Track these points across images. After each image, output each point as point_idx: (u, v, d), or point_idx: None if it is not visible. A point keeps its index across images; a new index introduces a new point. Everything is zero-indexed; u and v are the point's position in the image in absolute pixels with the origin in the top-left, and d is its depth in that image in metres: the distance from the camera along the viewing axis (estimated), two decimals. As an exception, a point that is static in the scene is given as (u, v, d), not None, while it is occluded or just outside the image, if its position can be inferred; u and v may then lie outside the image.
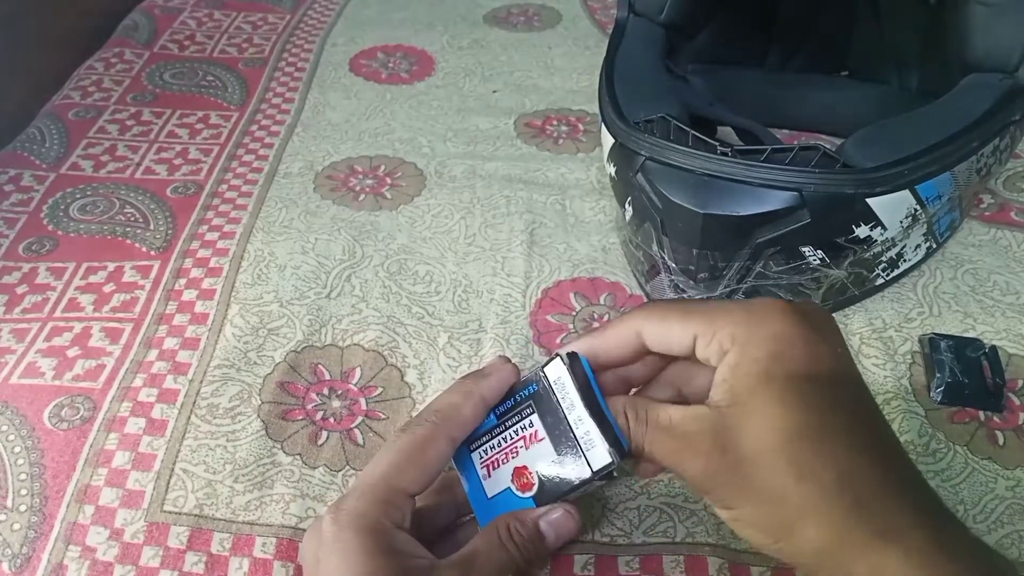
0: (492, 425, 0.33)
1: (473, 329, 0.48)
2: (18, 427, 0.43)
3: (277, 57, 0.78)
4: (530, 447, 0.32)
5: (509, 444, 0.32)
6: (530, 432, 0.32)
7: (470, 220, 0.57)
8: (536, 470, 0.32)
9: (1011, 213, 0.54)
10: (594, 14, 0.85)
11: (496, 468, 0.33)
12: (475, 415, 0.32)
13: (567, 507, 0.31)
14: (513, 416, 0.33)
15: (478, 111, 0.69)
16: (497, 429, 0.33)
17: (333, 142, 0.65)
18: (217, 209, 0.58)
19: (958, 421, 0.42)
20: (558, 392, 0.31)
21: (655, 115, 0.42)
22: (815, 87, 0.62)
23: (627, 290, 0.51)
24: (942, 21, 0.51)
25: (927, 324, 0.47)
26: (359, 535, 0.28)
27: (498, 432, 0.33)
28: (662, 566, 0.36)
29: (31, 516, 0.39)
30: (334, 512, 0.30)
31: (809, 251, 0.41)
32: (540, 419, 0.32)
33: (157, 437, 0.42)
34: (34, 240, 0.55)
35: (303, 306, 0.50)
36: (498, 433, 0.33)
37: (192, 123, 0.68)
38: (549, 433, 0.31)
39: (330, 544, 0.29)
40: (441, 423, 0.32)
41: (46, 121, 0.68)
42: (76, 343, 0.48)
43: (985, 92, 0.42)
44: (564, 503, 0.32)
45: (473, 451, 0.34)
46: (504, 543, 0.30)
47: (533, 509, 0.31)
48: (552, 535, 0.31)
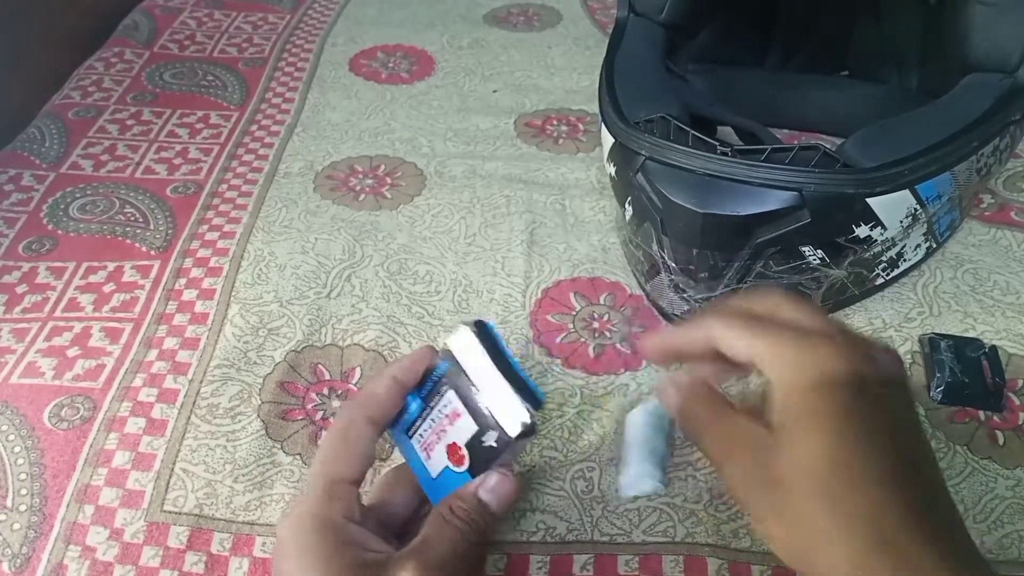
0: (421, 409, 0.34)
1: (473, 329, 0.48)
2: (18, 427, 0.43)
3: (277, 57, 0.78)
4: (454, 423, 0.33)
5: (437, 424, 0.33)
6: (451, 410, 0.33)
7: (470, 220, 0.57)
8: (463, 443, 0.32)
9: (1011, 213, 0.54)
10: (594, 14, 0.85)
11: (432, 449, 0.33)
12: (388, 394, 0.33)
13: (501, 470, 0.32)
14: (434, 396, 0.34)
15: (478, 111, 0.69)
16: (425, 412, 0.34)
17: (333, 142, 0.65)
18: (217, 209, 0.58)
19: (958, 421, 0.42)
20: (465, 364, 0.32)
21: (655, 115, 0.42)
22: (815, 87, 0.62)
23: (627, 290, 0.51)
24: (942, 21, 0.51)
25: (927, 324, 0.47)
26: (311, 535, 0.29)
27: (427, 415, 0.34)
28: (661, 566, 0.36)
29: (31, 516, 0.39)
30: (286, 517, 0.30)
31: (809, 251, 0.41)
32: (456, 394, 0.33)
33: (157, 437, 0.42)
34: (34, 240, 0.55)
35: (303, 306, 0.50)
36: (427, 416, 0.34)
37: (192, 123, 0.68)
38: (466, 406, 0.32)
39: (287, 549, 0.29)
40: (357, 406, 0.33)
41: (46, 121, 0.68)
42: (76, 343, 0.48)
43: (985, 92, 0.42)
44: (498, 468, 0.32)
45: (411, 436, 0.34)
46: (450, 522, 0.31)
47: (468, 484, 0.32)
48: (494, 501, 0.32)
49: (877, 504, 0.25)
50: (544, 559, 0.37)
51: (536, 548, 0.37)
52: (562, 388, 0.44)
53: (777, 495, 0.26)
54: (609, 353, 0.46)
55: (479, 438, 0.32)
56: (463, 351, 0.33)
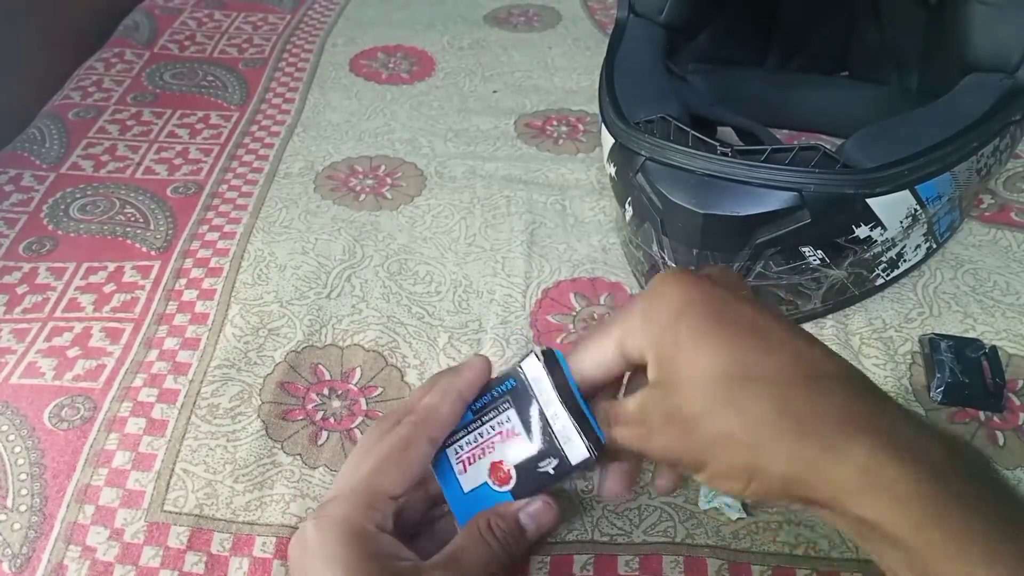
0: (468, 421, 0.33)
1: (473, 329, 0.48)
2: (18, 427, 0.43)
3: (277, 57, 0.78)
4: (507, 441, 0.32)
5: (485, 439, 0.32)
6: (507, 427, 0.32)
7: (470, 220, 0.57)
8: (512, 464, 0.32)
9: (1011, 213, 0.54)
10: (594, 14, 0.85)
11: (472, 463, 0.33)
12: (454, 413, 0.33)
13: (546, 499, 0.32)
14: (490, 411, 0.33)
15: (478, 111, 0.69)
16: (473, 425, 0.33)
17: (333, 142, 0.65)
18: (217, 209, 0.58)
19: (958, 421, 0.42)
20: (535, 387, 0.31)
21: (655, 115, 0.42)
22: (815, 87, 0.62)
23: (627, 290, 0.51)
24: (942, 21, 0.51)
25: (927, 324, 0.47)
26: (343, 541, 0.29)
27: (474, 427, 0.33)
28: (662, 566, 0.36)
29: (31, 516, 0.39)
30: (317, 518, 0.30)
31: (809, 251, 0.41)
32: (517, 414, 0.32)
33: (157, 437, 0.42)
34: (34, 240, 0.55)
35: (303, 306, 0.50)
36: (474, 428, 0.33)
37: (192, 123, 0.68)
38: (526, 427, 0.31)
39: (315, 551, 0.29)
40: (420, 424, 0.32)
41: (46, 121, 0.68)
42: (76, 343, 0.48)
43: (985, 92, 0.42)
44: (543, 495, 0.32)
45: (447, 447, 0.33)
46: (485, 538, 0.31)
47: (512, 503, 0.32)
48: (532, 527, 0.32)
49: (780, 397, 0.25)
50: (544, 559, 0.37)
51: (536, 547, 0.37)
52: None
53: (692, 434, 0.27)
54: (609, 353, 0.46)
55: (536, 462, 0.31)
56: (533, 376, 0.32)
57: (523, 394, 0.32)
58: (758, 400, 0.25)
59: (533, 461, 0.31)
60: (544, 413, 0.31)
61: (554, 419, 0.31)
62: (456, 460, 0.33)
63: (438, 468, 0.34)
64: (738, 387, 0.26)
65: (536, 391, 0.31)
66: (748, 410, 0.25)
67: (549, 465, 0.31)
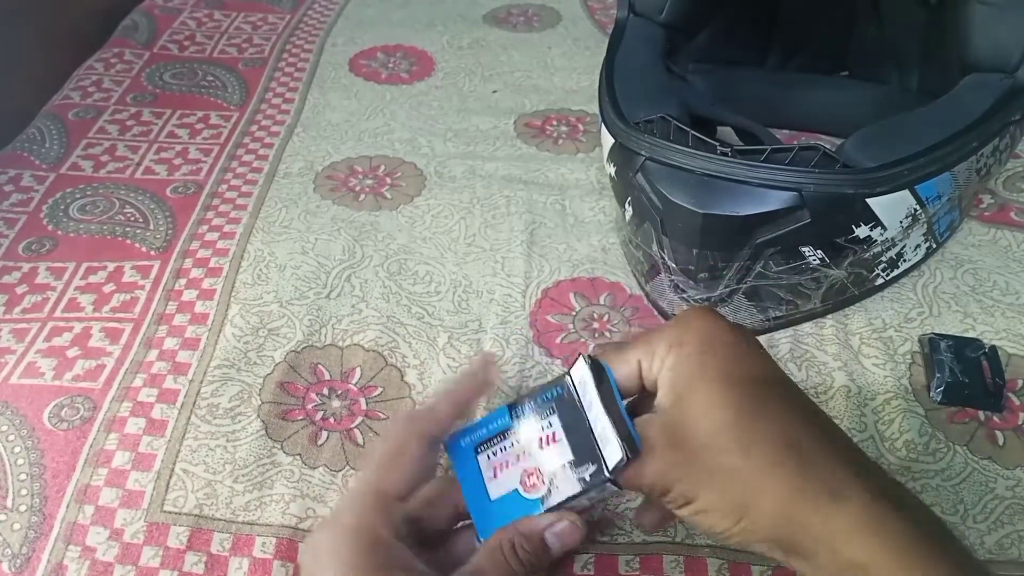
0: (506, 427, 0.32)
1: (473, 329, 0.48)
2: (18, 427, 0.43)
3: (277, 57, 0.78)
4: (545, 448, 0.31)
5: (523, 445, 0.32)
6: (547, 433, 0.31)
7: (470, 220, 0.57)
8: (547, 471, 0.31)
9: (1011, 213, 0.54)
10: (594, 14, 0.85)
11: (505, 469, 0.32)
12: (449, 411, 0.33)
13: (572, 517, 0.31)
14: (532, 417, 0.32)
15: (478, 111, 0.69)
16: (511, 432, 0.32)
17: (333, 142, 0.65)
18: (217, 209, 0.58)
19: (958, 421, 0.42)
20: (580, 390, 0.31)
21: (655, 115, 0.42)
22: (815, 87, 0.62)
23: (627, 290, 0.51)
24: (942, 21, 0.51)
25: (927, 324, 0.47)
26: (356, 551, 0.28)
27: (512, 434, 0.32)
28: (662, 566, 0.36)
29: (31, 516, 0.39)
30: (331, 527, 0.30)
31: (809, 251, 0.41)
32: (560, 420, 0.31)
33: (157, 437, 0.42)
34: (34, 240, 0.55)
35: (303, 306, 0.50)
36: (512, 435, 0.32)
37: (192, 123, 0.68)
38: (567, 434, 0.31)
39: (325, 560, 0.29)
40: (413, 422, 0.32)
41: (46, 121, 0.68)
42: (76, 343, 0.48)
43: (985, 92, 0.42)
44: (568, 512, 0.31)
45: (480, 453, 0.33)
46: (508, 560, 0.30)
47: (537, 520, 0.31)
48: (557, 545, 0.31)
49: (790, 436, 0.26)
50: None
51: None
52: (562, 388, 0.44)
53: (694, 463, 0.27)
54: (609, 353, 0.46)
55: (571, 469, 0.30)
56: (580, 379, 0.31)
57: (569, 401, 0.31)
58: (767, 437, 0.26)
59: (569, 468, 0.30)
60: (587, 417, 0.30)
61: (595, 422, 0.30)
62: (488, 466, 0.32)
63: (465, 474, 0.33)
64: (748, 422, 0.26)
65: (581, 394, 0.31)
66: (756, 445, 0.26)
67: (586, 471, 0.30)
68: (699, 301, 0.44)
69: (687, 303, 0.45)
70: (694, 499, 0.27)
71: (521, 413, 0.32)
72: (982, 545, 0.37)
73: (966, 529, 0.37)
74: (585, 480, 0.30)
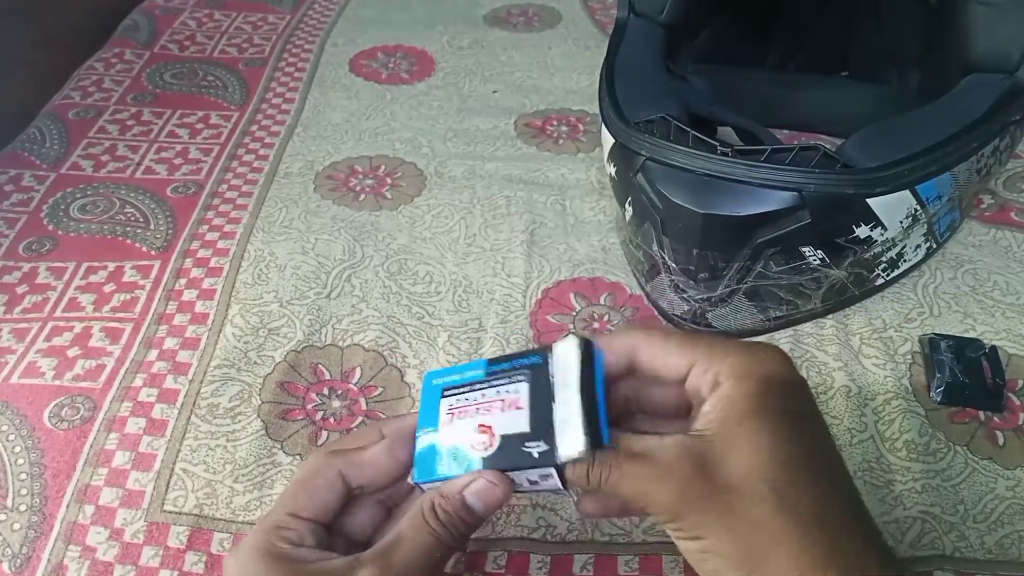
0: (476, 379, 0.31)
1: (473, 329, 0.48)
2: (18, 427, 0.43)
3: (277, 57, 0.78)
4: (505, 411, 0.30)
5: (485, 401, 0.30)
6: (511, 397, 0.30)
7: (470, 220, 0.57)
8: (499, 434, 0.29)
9: (1011, 213, 0.54)
10: (594, 14, 0.85)
11: (461, 417, 0.30)
12: (375, 458, 0.31)
13: (490, 476, 0.29)
14: (502, 378, 0.31)
15: (478, 111, 0.69)
16: (480, 385, 0.31)
17: (333, 142, 0.65)
18: (217, 209, 0.58)
19: (958, 421, 0.42)
20: (559, 368, 0.30)
21: (655, 115, 0.42)
22: (815, 87, 0.62)
23: (627, 290, 0.51)
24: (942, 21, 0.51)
25: (927, 324, 0.47)
26: (254, 558, 0.29)
27: (480, 387, 0.31)
28: (662, 566, 0.36)
29: (31, 516, 0.39)
30: (231, 552, 0.31)
31: (809, 251, 0.41)
32: (528, 388, 0.30)
33: (157, 437, 0.42)
34: (34, 240, 0.55)
35: (303, 306, 0.50)
36: (479, 388, 0.31)
37: (192, 123, 0.68)
38: (531, 404, 0.29)
39: (232, 572, 0.29)
40: (333, 456, 0.32)
41: (46, 121, 0.68)
42: (76, 343, 0.48)
43: (985, 92, 0.42)
44: (489, 472, 0.29)
45: (445, 397, 0.32)
46: (429, 523, 0.29)
47: (455, 481, 0.29)
48: (479, 506, 0.29)
49: (824, 504, 0.25)
50: (545, 559, 0.37)
51: (537, 547, 0.37)
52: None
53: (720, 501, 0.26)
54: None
55: (524, 440, 0.29)
56: (563, 358, 0.30)
57: (543, 372, 0.30)
58: (803, 501, 0.25)
59: (521, 438, 0.29)
60: (555, 395, 0.29)
61: (562, 404, 0.29)
62: (447, 410, 0.31)
63: (425, 412, 0.32)
64: (790, 480, 0.25)
65: (558, 372, 0.30)
66: (791, 507, 0.25)
67: (535, 448, 0.28)
68: (699, 301, 0.45)
69: (687, 303, 0.45)
70: (704, 537, 0.26)
71: (496, 370, 0.31)
72: (982, 545, 0.37)
73: (966, 529, 0.37)
74: (532, 456, 0.28)
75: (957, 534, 0.37)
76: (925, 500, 0.38)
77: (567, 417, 0.28)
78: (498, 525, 0.38)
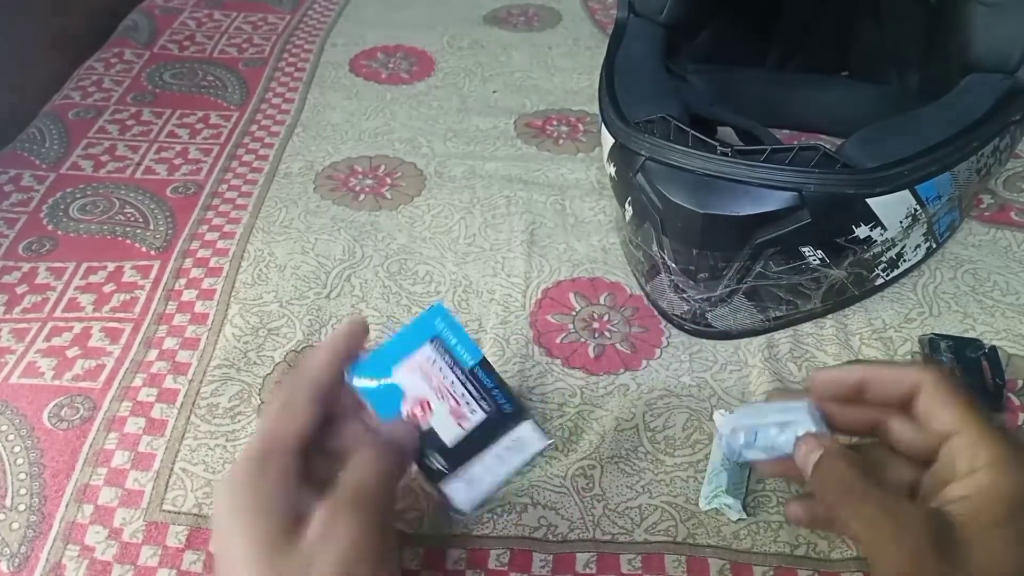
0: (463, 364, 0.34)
1: (473, 329, 0.48)
2: (18, 427, 0.43)
3: (277, 57, 0.78)
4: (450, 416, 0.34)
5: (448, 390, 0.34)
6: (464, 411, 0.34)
7: (470, 220, 0.57)
8: (431, 424, 0.33)
9: (1011, 213, 0.54)
10: (594, 14, 0.85)
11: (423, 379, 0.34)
12: (326, 364, 0.33)
13: (397, 432, 0.33)
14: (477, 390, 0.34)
15: (478, 111, 0.69)
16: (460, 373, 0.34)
17: (333, 142, 0.65)
18: (217, 209, 0.58)
19: (958, 421, 0.42)
20: (510, 438, 0.34)
21: (655, 115, 0.42)
22: (815, 87, 0.62)
23: (627, 290, 0.51)
24: (942, 21, 0.51)
25: (927, 324, 0.47)
26: (243, 497, 0.29)
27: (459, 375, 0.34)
28: (664, 565, 0.36)
29: (30, 515, 0.39)
30: (221, 481, 0.30)
31: (809, 251, 0.41)
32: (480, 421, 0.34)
33: (157, 437, 0.42)
34: (34, 240, 0.55)
35: (303, 306, 0.50)
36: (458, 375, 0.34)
37: (192, 123, 0.68)
38: (468, 435, 0.33)
39: (219, 509, 0.29)
40: (297, 374, 0.32)
41: (46, 121, 0.68)
42: (76, 343, 0.48)
43: (985, 92, 0.42)
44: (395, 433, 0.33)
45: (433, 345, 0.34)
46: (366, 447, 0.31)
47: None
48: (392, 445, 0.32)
49: None
50: (547, 557, 0.37)
51: (538, 546, 0.37)
52: (562, 388, 0.44)
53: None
54: (609, 353, 0.46)
55: (434, 450, 0.33)
56: (520, 437, 0.34)
57: (501, 423, 0.34)
58: None
59: (437, 446, 0.33)
60: (486, 451, 0.34)
61: (482, 464, 0.34)
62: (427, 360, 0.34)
63: (410, 334, 0.34)
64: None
65: (508, 438, 0.34)
66: None
67: (435, 463, 0.33)
68: (699, 301, 0.44)
69: (687, 303, 0.45)
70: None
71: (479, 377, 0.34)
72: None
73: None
74: (427, 465, 0.33)
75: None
76: (925, 500, 0.38)
77: (476, 478, 0.33)
78: (499, 524, 0.38)
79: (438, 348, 0.34)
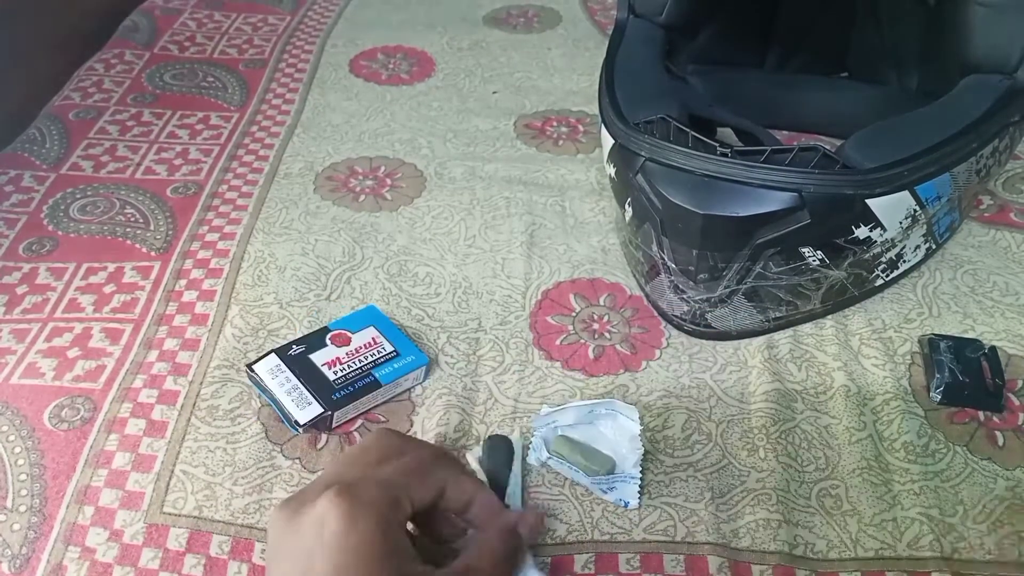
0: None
1: (472, 330, 0.48)
2: (18, 427, 0.43)
3: (277, 58, 0.78)
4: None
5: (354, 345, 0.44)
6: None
7: (470, 221, 0.57)
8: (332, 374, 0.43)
9: (1010, 214, 0.54)
10: (594, 15, 0.85)
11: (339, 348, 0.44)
12: (425, 494, 0.32)
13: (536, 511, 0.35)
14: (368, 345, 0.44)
15: (478, 112, 0.69)
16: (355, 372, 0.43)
17: (333, 143, 0.65)
18: (217, 210, 0.58)
19: (958, 421, 0.42)
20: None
21: (655, 116, 0.42)
22: (815, 88, 0.62)
23: (627, 291, 0.51)
24: (941, 22, 0.51)
25: (927, 325, 0.47)
26: (374, 526, 0.28)
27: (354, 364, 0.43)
28: (663, 564, 0.36)
29: (31, 517, 0.39)
30: (338, 497, 0.28)
31: (809, 252, 0.41)
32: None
33: (157, 438, 0.42)
34: (34, 240, 0.55)
35: (303, 307, 0.50)
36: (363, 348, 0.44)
37: (192, 124, 0.68)
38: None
39: (338, 533, 0.27)
40: (443, 464, 0.32)
41: (46, 122, 0.68)
42: (76, 344, 0.48)
43: (984, 93, 0.42)
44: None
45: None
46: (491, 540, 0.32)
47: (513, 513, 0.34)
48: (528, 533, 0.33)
49: None
50: (545, 560, 0.37)
51: (536, 549, 0.37)
52: (562, 390, 0.44)
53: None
54: (609, 354, 0.46)
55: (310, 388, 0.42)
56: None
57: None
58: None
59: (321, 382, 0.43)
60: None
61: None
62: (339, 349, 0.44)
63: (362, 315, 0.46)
64: None
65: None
66: None
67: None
68: (699, 302, 0.45)
69: (687, 304, 0.45)
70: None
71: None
72: (982, 545, 0.37)
73: (965, 530, 0.37)
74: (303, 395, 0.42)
75: (956, 535, 0.37)
76: (924, 501, 0.38)
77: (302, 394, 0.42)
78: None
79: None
